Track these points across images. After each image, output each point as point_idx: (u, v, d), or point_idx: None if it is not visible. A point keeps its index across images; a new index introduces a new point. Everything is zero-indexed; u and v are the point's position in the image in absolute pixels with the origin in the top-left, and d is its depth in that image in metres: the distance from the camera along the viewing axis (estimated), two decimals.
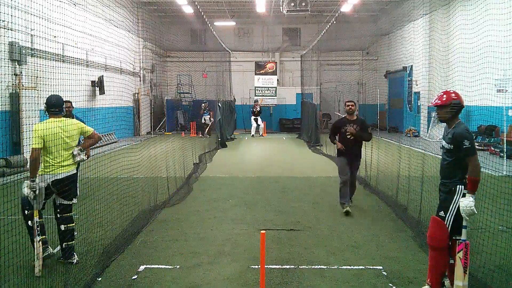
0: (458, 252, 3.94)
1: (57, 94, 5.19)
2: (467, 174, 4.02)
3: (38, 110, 11.89)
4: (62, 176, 4.89)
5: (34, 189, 4.61)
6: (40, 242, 4.65)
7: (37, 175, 4.71)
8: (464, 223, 3.98)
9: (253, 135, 22.09)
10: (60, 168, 4.88)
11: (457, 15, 15.10)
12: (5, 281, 4.40)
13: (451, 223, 4.07)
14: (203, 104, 21.84)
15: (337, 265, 4.94)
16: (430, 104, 4.48)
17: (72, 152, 5.00)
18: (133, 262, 5.03)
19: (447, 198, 4.15)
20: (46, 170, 4.83)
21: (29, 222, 4.75)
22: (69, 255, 4.88)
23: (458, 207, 4.00)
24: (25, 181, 4.67)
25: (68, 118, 5.19)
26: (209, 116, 21.23)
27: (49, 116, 4.95)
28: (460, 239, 3.98)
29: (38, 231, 4.65)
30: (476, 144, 15.22)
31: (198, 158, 12.73)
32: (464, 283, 3.88)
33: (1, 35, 10.94)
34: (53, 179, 4.84)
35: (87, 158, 6.22)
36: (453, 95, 4.23)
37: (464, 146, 3.99)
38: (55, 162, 4.85)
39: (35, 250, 4.61)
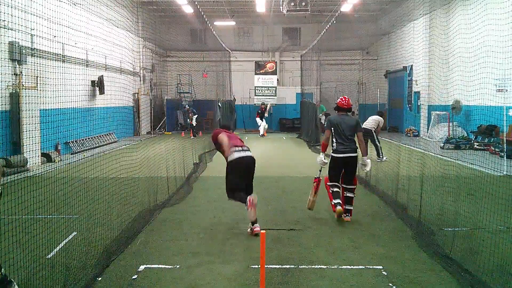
0: (314, 182, 6.82)
1: None
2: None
3: (38, 110, 11.88)
4: None
5: None
6: None
7: None
8: (319, 170, 6.93)
9: (262, 134, 22.23)
10: None
11: (457, 14, 15.12)
12: None
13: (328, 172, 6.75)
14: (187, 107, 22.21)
15: (337, 265, 4.94)
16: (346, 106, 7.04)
17: None
18: (133, 262, 5.02)
19: None
20: None
21: None
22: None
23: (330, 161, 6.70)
24: None
25: None
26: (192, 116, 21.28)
27: None
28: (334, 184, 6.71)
29: None
30: (476, 143, 15.30)
31: (198, 158, 12.73)
32: (311, 198, 6.84)
33: (1, 35, 10.95)
34: None
35: None
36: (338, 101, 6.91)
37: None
38: None
39: None
